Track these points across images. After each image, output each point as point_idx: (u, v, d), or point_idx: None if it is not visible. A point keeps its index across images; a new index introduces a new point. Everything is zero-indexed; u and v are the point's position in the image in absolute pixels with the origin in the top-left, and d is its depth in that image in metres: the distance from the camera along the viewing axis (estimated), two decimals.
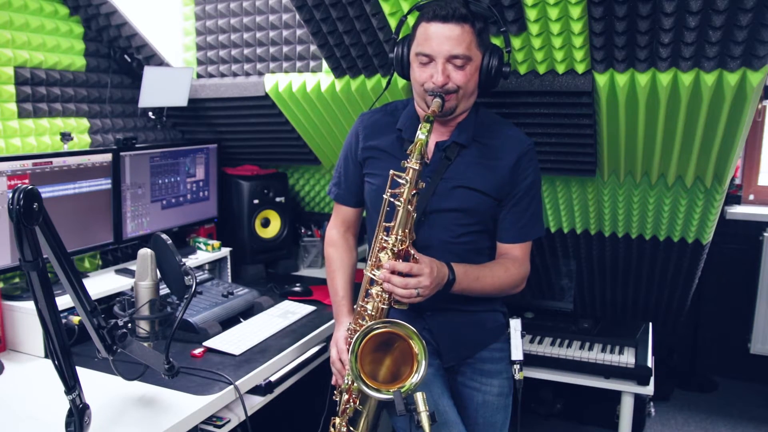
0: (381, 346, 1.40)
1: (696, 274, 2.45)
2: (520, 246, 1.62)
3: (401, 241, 1.42)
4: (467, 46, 1.45)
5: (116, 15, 2.21)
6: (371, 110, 1.74)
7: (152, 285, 1.44)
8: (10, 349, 1.79)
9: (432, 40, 1.45)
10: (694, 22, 1.50)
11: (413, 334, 1.35)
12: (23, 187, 1.09)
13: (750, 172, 3.19)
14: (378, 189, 1.60)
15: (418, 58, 1.49)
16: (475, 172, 1.56)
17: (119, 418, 1.41)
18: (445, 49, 1.44)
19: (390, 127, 1.63)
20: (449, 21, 1.43)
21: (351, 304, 1.69)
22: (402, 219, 1.42)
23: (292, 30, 2.30)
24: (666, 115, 1.80)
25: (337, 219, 1.78)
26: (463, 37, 1.44)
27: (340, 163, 1.73)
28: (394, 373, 1.42)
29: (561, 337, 2.50)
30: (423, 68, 1.48)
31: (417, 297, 1.40)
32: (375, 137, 1.64)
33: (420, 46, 1.47)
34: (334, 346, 1.61)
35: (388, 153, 1.61)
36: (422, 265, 1.40)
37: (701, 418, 2.98)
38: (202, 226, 2.58)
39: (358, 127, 1.69)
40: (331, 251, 1.76)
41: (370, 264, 1.48)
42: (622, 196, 2.21)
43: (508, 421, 1.71)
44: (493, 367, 1.68)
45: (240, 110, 2.48)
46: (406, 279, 1.39)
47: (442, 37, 1.43)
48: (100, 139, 2.31)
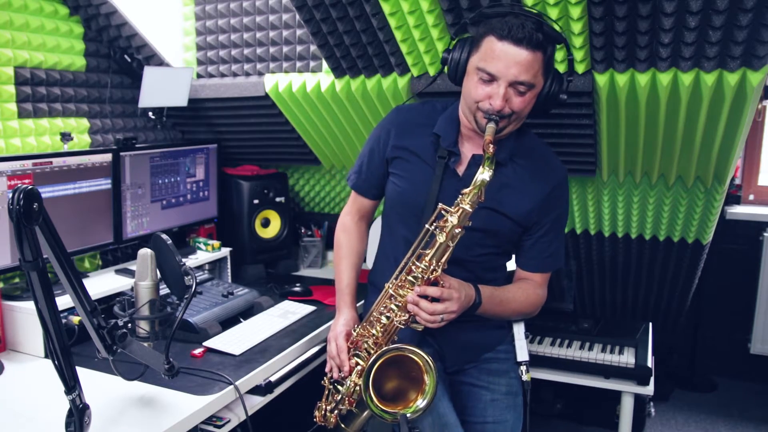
0: (391, 362, 1.39)
1: (696, 274, 2.45)
2: (541, 274, 1.60)
3: (433, 270, 1.39)
4: (534, 74, 1.36)
5: (116, 15, 2.21)
6: (407, 105, 1.66)
7: (152, 285, 1.44)
8: (10, 349, 1.79)
9: (499, 61, 1.34)
10: (694, 22, 1.50)
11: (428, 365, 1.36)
12: (23, 187, 1.09)
13: (750, 172, 3.19)
14: (403, 193, 1.57)
15: (478, 72, 1.39)
16: (506, 194, 1.50)
17: (119, 418, 1.41)
18: (511, 73, 1.34)
19: (425, 128, 1.56)
20: (522, 45, 1.32)
21: (354, 295, 1.67)
22: (439, 251, 1.37)
23: (292, 30, 2.30)
24: (666, 115, 1.80)
25: (353, 206, 1.75)
26: (532, 64, 1.35)
27: (365, 153, 1.67)
28: (396, 391, 1.42)
29: (561, 337, 2.50)
30: (482, 85, 1.39)
31: (441, 322, 1.38)
32: (407, 137, 1.58)
33: (484, 62, 1.37)
34: (333, 341, 1.57)
35: (419, 157, 1.56)
36: (452, 290, 1.38)
37: (701, 418, 2.98)
38: (202, 226, 2.57)
39: (390, 122, 1.62)
40: (342, 237, 1.73)
41: (395, 283, 1.45)
42: (622, 196, 2.21)
43: (520, 422, 1.67)
44: (499, 366, 1.67)
45: (240, 110, 2.48)
46: (433, 305, 1.36)
47: (511, 60, 1.33)
48: (100, 139, 2.31)
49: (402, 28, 1.84)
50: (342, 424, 1.55)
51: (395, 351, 1.38)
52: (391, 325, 1.45)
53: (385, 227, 1.69)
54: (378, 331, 1.47)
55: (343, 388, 1.53)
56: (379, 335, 1.47)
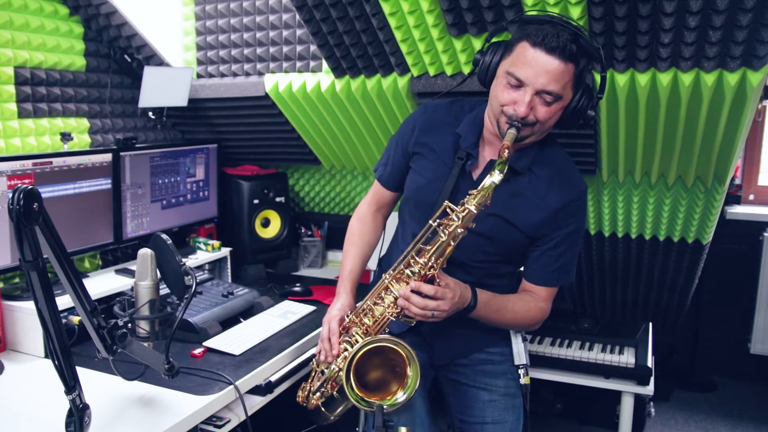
0: (377, 354, 1.40)
1: (696, 274, 2.45)
2: (546, 288, 1.56)
3: (431, 266, 1.38)
4: (563, 86, 1.34)
5: (116, 15, 2.21)
6: (435, 103, 1.64)
7: (152, 285, 1.44)
8: (10, 349, 1.79)
9: (530, 67, 1.33)
10: (694, 22, 1.50)
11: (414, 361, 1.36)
12: (23, 187, 1.09)
13: (750, 172, 3.18)
14: (417, 189, 1.58)
15: (507, 77, 1.37)
16: (517, 204, 1.47)
17: (119, 418, 1.41)
18: (540, 82, 1.33)
19: (449, 127, 1.55)
20: (555, 54, 1.31)
21: (355, 283, 1.67)
22: (439, 249, 1.37)
23: (292, 30, 2.30)
24: (666, 115, 1.80)
25: (374, 197, 1.75)
26: (563, 75, 1.33)
27: (391, 146, 1.67)
28: (379, 381, 1.42)
29: (561, 337, 2.49)
30: (509, 89, 1.37)
31: (431, 318, 1.38)
32: (430, 134, 1.57)
33: (514, 66, 1.35)
34: (327, 324, 1.57)
35: (437, 154, 1.55)
36: (447, 290, 1.37)
37: (701, 418, 2.98)
38: (202, 226, 2.58)
39: (417, 118, 1.62)
40: (355, 224, 1.73)
41: (392, 274, 1.46)
42: (622, 196, 2.21)
43: (520, 424, 1.65)
44: (495, 368, 1.65)
45: (240, 110, 2.48)
46: (425, 301, 1.36)
47: (541, 68, 1.32)
48: (100, 139, 2.31)
49: (402, 28, 1.84)
50: (323, 408, 1.56)
51: (381, 341, 1.38)
52: (383, 316, 1.46)
53: (399, 219, 1.69)
54: (370, 320, 1.48)
55: (328, 371, 1.53)
56: (370, 324, 1.48)
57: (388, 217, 1.80)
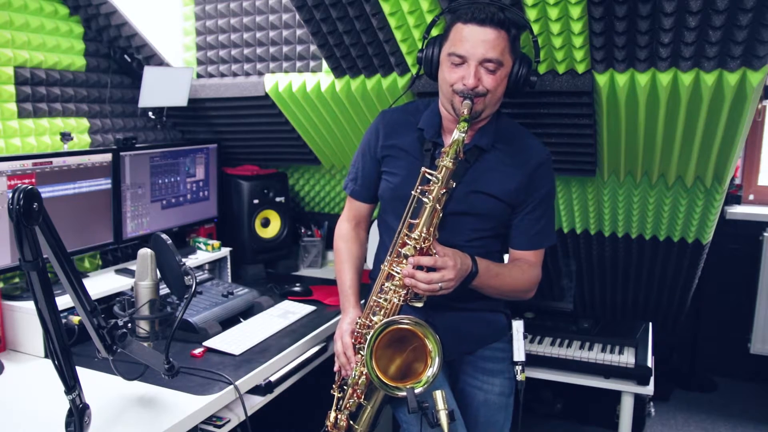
0: (393, 343, 1.40)
1: (696, 274, 2.45)
2: (533, 252, 1.64)
3: (425, 238, 1.42)
4: (501, 51, 1.45)
5: (116, 15, 2.21)
6: (392, 108, 1.74)
7: (152, 285, 1.44)
8: (10, 349, 1.79)
9: (467, 42, 1.44)
10: (694, 22, 1.50)
11: (428, 332, 1.37)
12: (23, 187, 1.09)
13: (750, 172, 3.19)
14: (395, 188, 1.62)
15: (450, 58, 1.48)
16: (492, 177, 1.56)
17: (119, 418, 1.41)
18: (479, 52, 1.43)
19: (411, 126, 1.63)
20: (486, 24, 1.42)
21: (358, 296, 1.69)
22: (428, 217, 1.42)
23: (292, 30, 2.30)
24: (666, 115, 1.80)
25: (350, 213, 1.79)
26: (498, 41, 1.44)
27: (357, 159, 1.73)
28: (403, 370, 1.43)
29: (561, 337, 2.50)
30: (454, 69, 1.48)
31: (440, 291, 1.40)
32: (395, 136, 1.64)
33: (453, 46, 1.47)
34: (339, 339, 1.60)
35: (407, 152, 1.62)
36: (446, 258, 1.41)
37: (701, 418, 2.98)
38: (202, 226, 2.58)
39: (378, 124, 1.69)
40: (340, 244, 1.77)
41: (389, 260, 1.48)
42: (622, 196, 2.21)
43: (509, 422, 1.72)
44: (495, 366, 1.69)
45: (240, 110, 2.48)
46: (429, 274, 1.39)
47: (477, 39, 1.43)
48: (100, 139, 2.31)
49: (402, 28, 1.84)
50: (351, 422, 1.55)
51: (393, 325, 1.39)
52: (391, 304, 1.47)
53: (382, 227, 1.71)
54: (381, 316, 1.49)
55: (350, 380, 1.54)
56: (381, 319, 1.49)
57: (369, 229, 1.84)
